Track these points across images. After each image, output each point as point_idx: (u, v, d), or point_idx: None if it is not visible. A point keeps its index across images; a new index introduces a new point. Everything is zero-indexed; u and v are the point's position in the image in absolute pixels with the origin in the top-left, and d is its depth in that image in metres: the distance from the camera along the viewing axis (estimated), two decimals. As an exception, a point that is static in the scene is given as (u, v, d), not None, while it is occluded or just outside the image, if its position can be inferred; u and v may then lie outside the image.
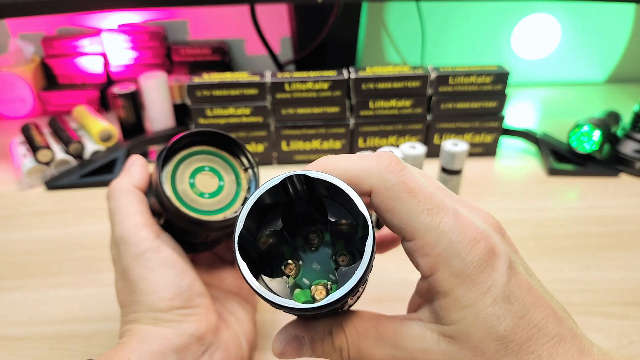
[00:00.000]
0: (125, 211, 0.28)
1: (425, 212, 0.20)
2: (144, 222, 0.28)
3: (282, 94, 0.52)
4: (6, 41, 0.69)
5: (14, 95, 0.68)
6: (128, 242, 0.27)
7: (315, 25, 0.62)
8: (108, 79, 0.73)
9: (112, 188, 0.30)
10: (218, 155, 0.31)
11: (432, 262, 0.20)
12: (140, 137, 0.58)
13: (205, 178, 0.30)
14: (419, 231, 0.20)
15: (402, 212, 0.21)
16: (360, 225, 0.21)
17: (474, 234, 0.20)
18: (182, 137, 0.29)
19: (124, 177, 0.30)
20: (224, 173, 0.30)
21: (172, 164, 0.29)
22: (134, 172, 0.30)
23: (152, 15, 0.73)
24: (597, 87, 0.79)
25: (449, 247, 0.20)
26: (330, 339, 0.23)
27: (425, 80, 0.52)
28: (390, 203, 0.21)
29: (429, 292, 0.22)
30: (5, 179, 0.54)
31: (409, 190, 0.21)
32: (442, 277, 0.20)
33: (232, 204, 0.30)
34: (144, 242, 0.27)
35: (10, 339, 0.34)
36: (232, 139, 0.30)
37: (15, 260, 0.42)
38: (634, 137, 0.53)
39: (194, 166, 0.30)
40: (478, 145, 0.57)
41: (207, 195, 0.30)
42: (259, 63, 0.77)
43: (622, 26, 0.76)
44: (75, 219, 0.47)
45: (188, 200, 0.29)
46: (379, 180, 0.21)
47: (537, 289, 0.21)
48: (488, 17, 0.74)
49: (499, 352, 0.20)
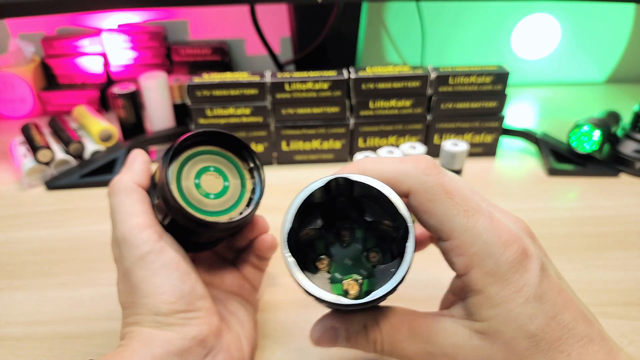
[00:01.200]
0: (128, 210, 0.27)
1: (462, 214, 0.22)
2: (147, 222, 0.27)
3: (282, 94, 0.52)
4: (6, 41, 0.69)
5: (14, 95, 0.68)
6: (130, 243, 0.26)
7: (316, 25, 0.62)
8: (108, 79, 0.73)
9: (113, 184, 0.29)
10: (223, 155, 0.30)
11: (467, 262, 0.22)
12: (140, 137, 0.58)
13: (210, 178, 0.29)
14: (455, 231, 0.22)
15: (439, 213, 0.22)
16: (399, 226, 0.23)
17: (507, 236, 0.21)
18: (188, 136, 0.28)
19: (126, 173, 0.29)
20: (229, 174, 0.30)
21: (178, 163, 0.28)
22: (136, 169, 0.29)
23: (152, 15, 0.73)
24: (597, 87, 0.79)
25: (483, 247, 0.21)
26: (365, 333, 0.24)
27: (425, 80, 0.52)
28: (427, 204, 0.22)
29: (463, 290, 0.22)
30: (5, 179, 0.54)
31: (446, 192, 0.22)
32: (476, 276, 0.21)
33: (236, 205, 0.30)
34: (147, 243, 0.26)
35: (11, 339, 0.34)
36: (237, 139, 0.29)
37: (15, 260, 0.42)
38: (634, 137, 0.53)
39: (199, 166, 0.29)
40: (478, 145, 0.57)
41: (212, 195, 0.29)
42: (259, 63, 0.77)
43: (622, 26, 0.76)
44: (76, 219, 0.47)
45: (193, 201, 0.28)
46: (417, 182, 0.22)
47: (567, 292, 0.22)
48: (488, 17, 0.74)
49: (530, 349, 0.20)
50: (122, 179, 0.29)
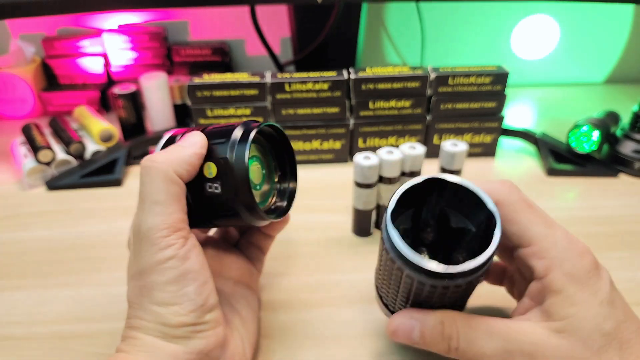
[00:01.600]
0: (160, 203, 0.25)
1: (542, 224, 0.25)
2: (177, 224, 0.25)
3: (282, 95, 0.52)
4: (7, 42, 0.69)
5: (14, 95, 0.68)
6: (153, 242, 0.25)
7: (315, 25, 0.62)
8: (109, 79, 0.73)
9: (152, 164, 0.25)
10: (267, 151, 0.31)
11: (547, 264, 0.24)
12: (140, 138, 0.58)
13: (255, 169, 0.29)
14: (535, 238, 0.25)
15: (522, 221, 0.25)
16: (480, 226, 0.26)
17: (582, 248, 0.25)
18: (263, 124, 0.28)
19: (171, 157, 0.26)
20: (266, 171, 0.30)
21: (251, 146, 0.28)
22: (186, 156, 0.26)
23: (153, 16, 0.73)
24: (596, 88, 0.79)
25: (562, 252, 0.24)
26: (441, 328, 0.25)
27: (425, 81, 0.53)
28: (512, 214, 0.25)
29: (541, 292, 0.25)
30: (6, 179, 0.54)
31: (529, 205, 0.26)
32: (556, 277, 0.24)
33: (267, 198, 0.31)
34: (171, 248, 0.24)
35: (11, 339, 0.34)
36: (288, 142, 0.30)
37: (16, 260, 0.42)
38: (633, 137, 0.53)
39: (253, 154, 0.29)
40: (477, 146, 0.57)
41: (258, 186, 0.29)
42: (259, 63, 0.77)
43: (621, 27, 0.76)
44: (76, 219, 0.47)
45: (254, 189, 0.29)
46: (505, 195, 0.26)
47: (627, 304, 0.25)
48: (487, 18, 0.75)
49: (604, 346, 0.23)
50: (164, 164, 0.25)
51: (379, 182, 0.41)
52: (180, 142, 0.27)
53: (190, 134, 0.27)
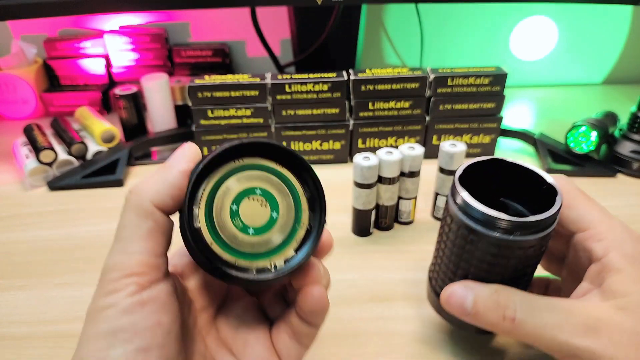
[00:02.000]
0: (122, 240, 0.21)
1: (599, 210, 0.27)
2: (136, 266, 0.20)
3: (282, 96, 0.52)
4: (8, 43, 0.70)
5: (16, 96, 0.68)
6: (101, 285, 0.20)
7: (315, 27, 0.62)
8: (110, 80, 0.73)
9: (131, 194, 0.22)
10: (278, 174, 0.22)
11: (606, 245, 0.25)
12: (142, 138, 0.58)
13: (253, 205, 0.22)
14: (593, 222, 0.26)
15: (580, 207, 0.27)
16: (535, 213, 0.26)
17: (637, 235, 0.26)
18: (232, 147, 0.21)
19: (151, 183, 0.22)
20: (280, 199, 0.22)
21: (214, 180, 0.21)
22: (169, 178, 0.21)
23: (154, 17, 0.73)
24: (595, 88, 0.79)
25: (620, 236, 0.26)
26: (497, 297, 0.25)
27: (424, 82, 0.53)
28: (570, 201, 0.27)
29: (600, 274, 0.25)
30: (8, 180, 0.54)
31: (584, 194, 0.28)
32: (616, 257, 0.25)
33: (284, 246, 0.22)
34: (114, 295, 0.19)
35: (13, 338, 0.35)
36: (295, 154, 0.22)
37: (17, 260, 0.42)
38: (631, 138, 0.54)
39: (242, 187, 0.22)
40: (476, 146, 0.57)
41: (251, 230, 0.22)
42: (259, 65, 0.77)
43: (619, 28, 0.76)
44: (78, 219, 0.48)
45: (224, 236, 0.21)
46: (565, 184, 0.28)
47: None
48: (486, 19, 0.75)
49: None
50: (143, 193, 0.21)
51: (379, 182, 0.42)
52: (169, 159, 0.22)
53: (180, 147, 0.23)
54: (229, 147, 0.21)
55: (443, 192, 0.45)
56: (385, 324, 0.35)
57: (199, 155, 0.22)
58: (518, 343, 0.33)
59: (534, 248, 0.25)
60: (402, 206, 0.45)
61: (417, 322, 0.35)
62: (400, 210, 0.45)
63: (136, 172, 0.56)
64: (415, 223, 0.46)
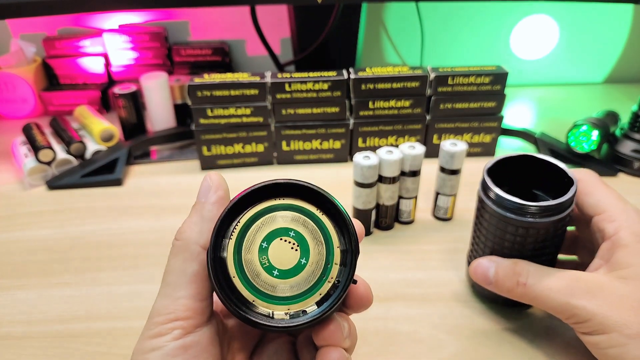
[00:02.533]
0: (169, 285, 0.21)
1: (615, 197, 0.30)
2: (182, 311, 0.21)
3: (282, 95, 0.52)
4: (7, 41, 0.70)
5: (15, 95, 0.68)
6: (147, 327, 0.21)
7: (315, 26, 0.62)
8: (109, 79, 0.73)
9: (178, 237, 0.22)
10: (315, 219, 0.21)
11: (617, 225, 0.29)
12: (141, 137, 0.58)
13: (284, 247, 0.21)
14: (608, 206, 0.30)
15: (598, 193, 0.31)
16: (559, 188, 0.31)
17: None
18: (277, 184, 0.21)
19: (194, 226, 0.22)
20: (313, 246, 0.21)
21: (250, 213, 0.21)
22: (207, 214, 0.22)
23: (153, 16, 0.73)
24: (596, 87, 0.79)
25: (631, 218, 0.29)
26: (513, 266, 0.30)
27: (425, 81, 0.53)
28: (590, 188, 0.31)
29: (610, 250, 0.28)
30: (7, 179, 0.54)
31: (605, 184, 0.31)
32: (625, 235, 0.28)
33: (305, 297, 0.21)
34: (160, 339, 0.20)
35: (12, 338, 0.35)
36: (338, 205, 0.21)
37: (16, 259, 0.42)
38: (633, 137, 0.53)
39: (278, 225, 0.21)
40: (477, 145, 0.57)
41: (276, 272, 0.21)
42: (259, 63, 0.77)
43: (620, 27, 0.76)
44: (77, 219, 0.48)
45: (249, 271, 0.21)
46: (585, 174, 0.32)
47: None
48: (487, 18, 0.75)
49: None
50: (186, 237, 0.22)
51: (379, 181, 0.41)
52: (199, 191, 0.23)
53: (203, 179, 0.23)
54: (273, 184, 0.21)
55: (444, 192, 0.45)
56: (385, 323, 0.35)
57: (224, 183, 0.23)
58: (518, 345, 0.33)
59: (552, 228, 0.30)
60: (402, 206, 0.45)
61: (417, 322, 0.35)
62: (400, 209, 0.45)
63: (135, 171, 0.56)
64: (416, 223, 0.46)
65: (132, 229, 0.46)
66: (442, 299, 0.37)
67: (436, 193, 0.46)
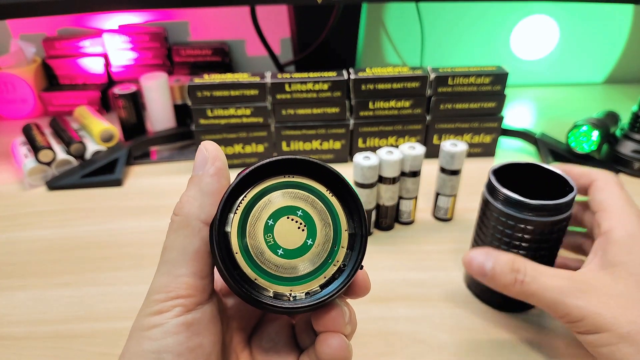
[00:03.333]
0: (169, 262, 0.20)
1: (622, 198, 0.31)
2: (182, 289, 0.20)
3: (282, 95, 0.52)
4: (7, 42, 0.70)
5: (15, 95, 0.68)
6: (147, 304, 0.20)
7: (315, 26, 0.62)
8: (109, 79, 0.73)
9: (177, 212, 0.21)
10: (325, 200, 0.21)
11: (613, 223, 0.30)
12: (141, 138, 0.58)
13: (290, 226, 0.20)
14: (611, 204, 0.31)
15: (607, 192, 0.32)
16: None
17: None
18: (287, 159, 0.20)
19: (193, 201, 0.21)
20: (320, 227, 0.21)
21: (258, 188, 0.20)
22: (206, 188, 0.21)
23: (153, 16, 0.73)
24: (596, 88, 0.79)
25: (629, 217, 0.30)
26: (512, 263, 0.30)
27: (425, 81, 0.53)
28: (603, 185, 0.32)
29: (603, 245, 0.29)
30: (7, 179, 0.54)
31: (619, 186, 0.32)
32: (618, 232, 0.29)
33: (309, 279, 0.21)
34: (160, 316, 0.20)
35: (12, 338, 0.34)
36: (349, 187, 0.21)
37: (16, 259, 0.42)
38: (633, 138, 0.53)
39: (285, 203, 0.20)
40: (477, 146, 0.57)
41: (281, 251, 0.20)
42: (259, 64, 0.77)
43: (620, 27, 0.76)
44: (77, 219, 0.47)
45: (252, 248, 0.20)
46: (601, 174, 0.33)
47: None
48: (487, 18, 0.75)
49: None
50: (186, 212, 0.21)
51: (379, 182, 0.41)
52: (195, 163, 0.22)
53: (198, 150, 0.22)
54: (284, 159, 0.20)
55: (444, 192, 0.45)
56: (385, 324, 0.35)
57: (220, 153, 0.22)
58: (518, 346, 0.33)
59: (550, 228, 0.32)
60: (402, 206, 0.45)
61: (417, 323, 0.35)
62: (400, 210, 0.45)
63: (135, 171, 0.56)
64: (416, 223, 0.46)
65: (132, 229, 0.46)
66: (443, 299, 0.37)
67: (436, 193, 0.46)
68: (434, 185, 0.46)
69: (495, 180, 0.33)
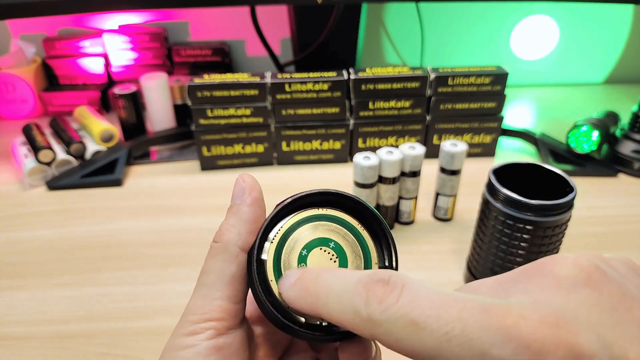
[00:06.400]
0: (206, 285, 0.21)
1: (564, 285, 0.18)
2: (216, 312, 0.21)
3: (282, 95, 0.52)
4: (7, 42, 0.70)
5: (15, 95, 0.68)
6: (181, 324, 0.21)
7: (315, 26, 0.62)
8: (109, 79, 0.73)
9: (218, 239, 0.22)
10: (357, 233, 0.22)
11: None
12: (141, 138, 0.58)
13: (322, 257, 0.21)
14: None
15: None
16: None
17: None
18: (322, 193, 0.21)
19: (232, 228, 0.21)
20: (352, 260, 0.21)
21: (294, 220, 0.21)
22: (244, 216, 0.22)
23: (153, 16, 0.73)
24: (596, 88, 0.79)
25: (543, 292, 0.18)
26: None
27: (425, 81, 0.53)
28: None
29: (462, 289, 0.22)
30: (7, 179, 0.54)
31: None
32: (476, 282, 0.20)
33: None
34: (193, 337, 0.20)
35: (12, 338, 0.34)
36: (382, 221, 0.21)
37: (16, 260, 0.42)
38: (633, 138, 0.53)
39: (319, 235, 0.21)
40: (477, 146, 0.57)
41: None
42: (259, 64, 0.77)
43: (620, 27, 0.76)
44: (77, 219, 0.47)
45: None
46: None
47: None
48: (487, 18, 0.75)
49: None
50: (226, 239, 0.21)
51: (379, 182, 0.41)
52: (233, 193, 0.22)
53: (236, 182, 0.22)
54: (319, 192, 0.21)
55: (444, 192, 0.45)
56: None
57: (257, 184, 0.22)
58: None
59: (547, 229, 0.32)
60: (402, 206, 0.44)
61: (417, 323, 0.35)
62: (400, 210, 0.45)
63: (135, 171, 0.56)
64: (416, 223, 0.46)
65: (132, 229, 0.46)
66: (443, 299, 0.37)
67: (436, 193, 0.46)
68: (434, 185, 0.46)
69: (495, 180, 0.34)
